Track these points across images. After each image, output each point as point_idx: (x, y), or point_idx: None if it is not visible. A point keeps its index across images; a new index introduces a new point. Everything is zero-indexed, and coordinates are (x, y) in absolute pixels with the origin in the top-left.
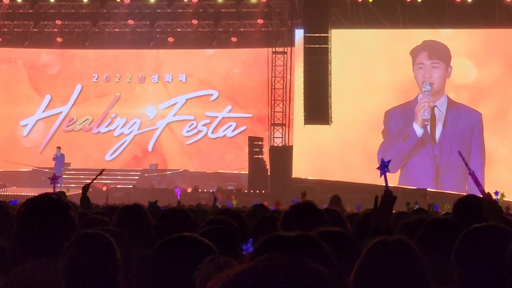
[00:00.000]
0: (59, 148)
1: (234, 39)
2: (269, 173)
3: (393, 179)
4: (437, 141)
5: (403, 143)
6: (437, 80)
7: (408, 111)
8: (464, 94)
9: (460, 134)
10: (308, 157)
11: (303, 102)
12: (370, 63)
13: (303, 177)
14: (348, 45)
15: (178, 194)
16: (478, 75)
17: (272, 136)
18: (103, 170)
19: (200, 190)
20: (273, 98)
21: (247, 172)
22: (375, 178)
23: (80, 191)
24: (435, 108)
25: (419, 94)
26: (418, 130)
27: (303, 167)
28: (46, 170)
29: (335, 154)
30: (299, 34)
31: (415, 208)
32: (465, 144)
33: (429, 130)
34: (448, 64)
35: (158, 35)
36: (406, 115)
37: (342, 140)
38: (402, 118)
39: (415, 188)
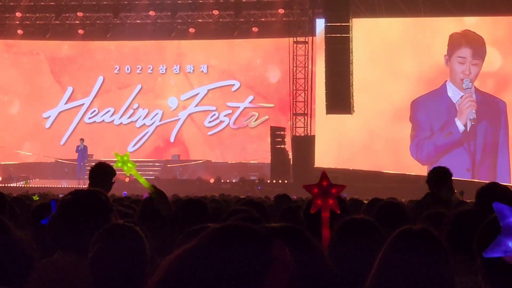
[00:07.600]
0: (82, 140)
1: (255, 29)
2: (291, 163)
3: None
4: (468, 130)
5: (444, 139)
6: (474, 77)
7: (439, 101)
8: (489, 82)
9: (492, 123)
10: (331, 146)
11: (324, 91)
12: (392, 52)
13: (325, 167)
14: (370, 34)
15: None
16: (503, 63)
17: (294, 125)
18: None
19: (222, 181)
20: (294, 88)
21: (270, 162)
22: (397, 167)
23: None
24: None
25: (446, 81)
26: (460, 126)
27: (326, 157)
28: (69, 162)
29: (358, 143)
30: (320, 23)
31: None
32: (496, 132)
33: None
34: (484, 59)
35: (179, 26)
36: (437, 105)
37: (364, 129)
38: (433, 108)
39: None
